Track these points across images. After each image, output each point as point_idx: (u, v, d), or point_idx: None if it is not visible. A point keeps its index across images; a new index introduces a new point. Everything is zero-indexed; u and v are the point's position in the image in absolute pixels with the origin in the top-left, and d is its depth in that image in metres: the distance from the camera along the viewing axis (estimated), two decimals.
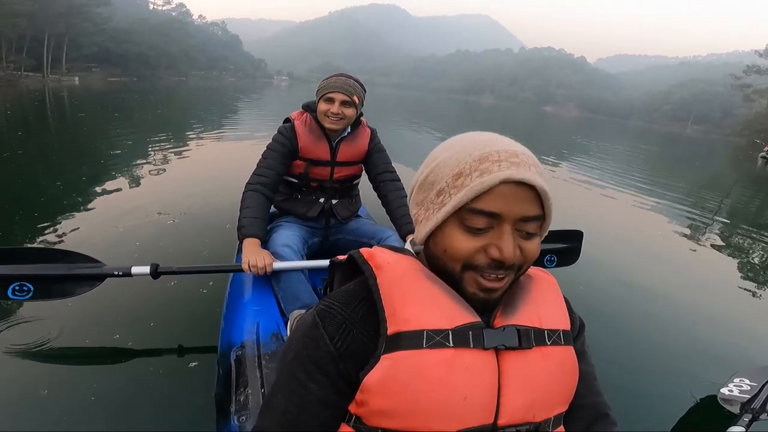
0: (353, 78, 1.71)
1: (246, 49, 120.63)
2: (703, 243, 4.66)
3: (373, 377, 0.50)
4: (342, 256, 0.63)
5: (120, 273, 1.57)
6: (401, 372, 0.50)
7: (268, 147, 1.75)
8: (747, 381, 1.71)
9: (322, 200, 1.82)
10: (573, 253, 2.21)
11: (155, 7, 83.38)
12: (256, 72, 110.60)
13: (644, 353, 2.19)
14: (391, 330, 0.52)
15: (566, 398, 0.59)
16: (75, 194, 3.85)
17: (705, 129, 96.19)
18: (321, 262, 1.56)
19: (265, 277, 1.60)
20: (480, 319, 0.54)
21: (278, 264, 1.50)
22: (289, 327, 1.38)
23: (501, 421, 0.52)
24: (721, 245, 4.65)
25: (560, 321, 0.60)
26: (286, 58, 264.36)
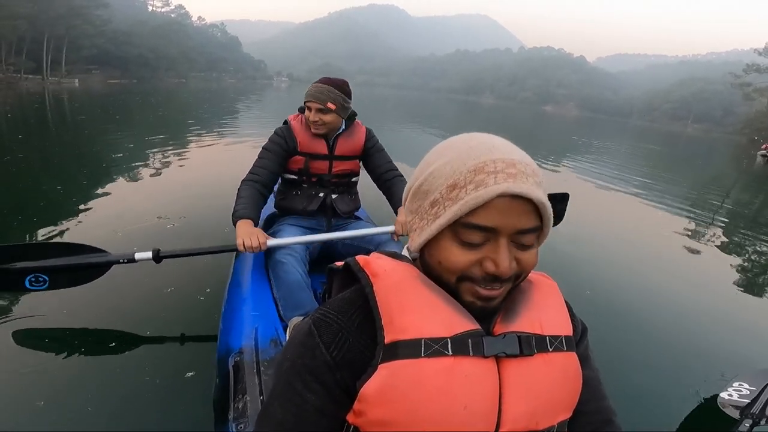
0: (333, 83, 1.76)
1: (245, 51, 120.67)
2: (705, 243, 4.65)
3: (371, 387, 0.50)
4: (339, 263, 0.62)
5: (125, 260, 1.68)
6: (400, 381, 0.49)
7: (264, 147, 1.81)
8: (746, 385, 1.70)
9: (322, 195, 1.86)
10: (557, 215, 2.25)
11: (154, 9, 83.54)
12: (256, 73, 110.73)
13: (645, 355, 2.18)
14: (389, 339, 0.51)
15: (570, 405, 0.58)
16: (75, 198, 3.85)
17: (705, 127, 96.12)
18: (317, 237, 1.68)
19: (265, 281, 1.61)
20: (479, 327, 0.53)
21: (272, 241, 1.58)
22: (288, 333, 1.37)
23: (503, 430, 0.52)
24: (722, 245, 4.65)
25: (562, 326, 0.59)
26: (286, 59, 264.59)
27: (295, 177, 1.86)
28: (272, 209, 2.06)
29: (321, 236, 1.71)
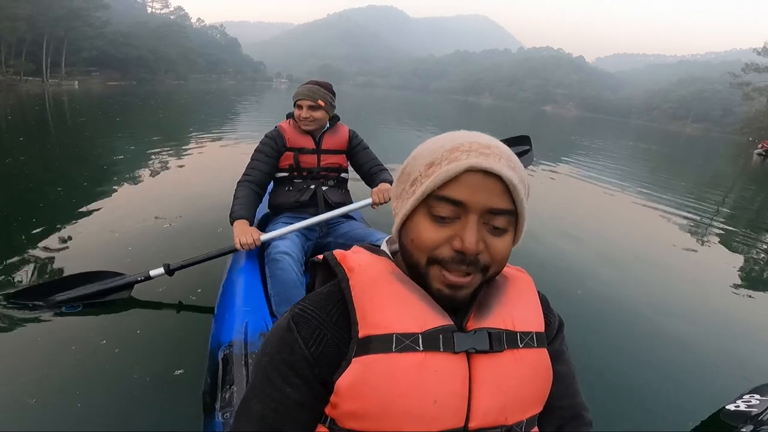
0: (322, 84, 1.97)
1: (245, 52, 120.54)
2: (707, 246, 4.63)
3: (345, 380, 0.51)
4: (320, 256, 0.63)
5: (142, 278, 1.95)
6: (372, 375, 0.50)
7: (256, 149, 1.98)
8: (758, 396, 1.64)
9: (313, 186, 1.99)
10: (526, 158, 2.28)
11: (153, 11, 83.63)
12: (256, 75, 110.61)
13: (648, 359, 2.15)
14: (362, 333, 0.52)
15: (539, 400, 0.59)
16: (75, 200, 3.86)
17: (705, 127, 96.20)
18: (308, 221, 1.83)
19: (258, 279, 1.67)
20: (452, 322, 0.54)
21: (265, 236, 1.75)
22: None
23: (472, 424, 0.52)
24: (726, 248, 4.59)
25: (534, 323, 0.60)
26: (285, 61, 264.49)
27: (287, 174, 1.99)
28: (266, 210, 2.16)
29: (312, 219, 1.85)
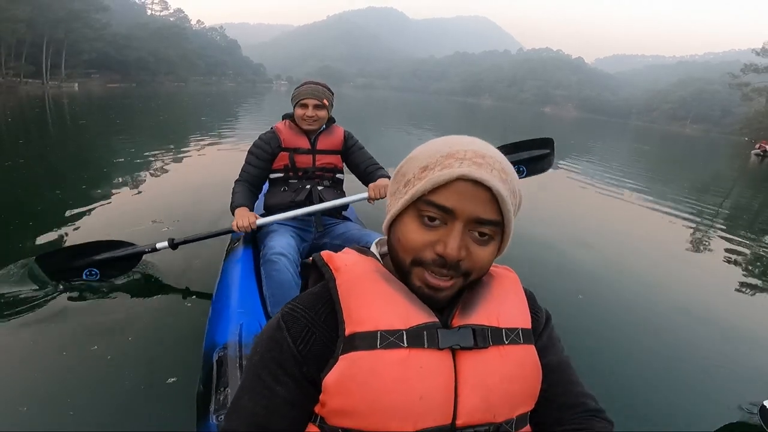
0: (321, 84, 1.97)
1: (245, 54, 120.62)
2: (707, 246, 4.62)
3: (332, 377, 0.51)
4: (311, 258, 0.64)
5: (149, 249, 2.10)
6: (358, 372, 0.51)
7: (249, 150, 2.01)
8: None
9: (309, 186, 1.99)
10: (546, 161, 2.20)
11: (153, 13, 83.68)
12: (256, 77, 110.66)
13: (651, 359, 2.15)
14: (348, 331, 0.52)
15: (528, 398, 0.58)
16: (73, 202, 3.83)
17: (704, 128, 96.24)
18: (305, 210, 1.87)
19: (253, 280, 1.68)
20: (437, 319, 0.54)
21: (261, 220, 1.84)
22: None
23: (459, 422, 0.52)
24: (727, 248, 4.54)
25: (520, 319, 0.59)
26: (285, 62, 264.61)
27: (282, 174, 2.00)
28: (262, 210, 2.13)
29: (307, 209, 1.88)
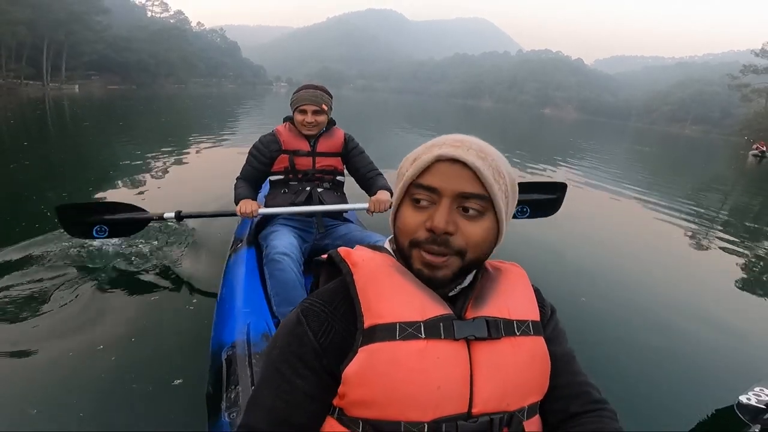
0: (320, 88, 1.98)
1: (245, 56, 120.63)
2: (707, 247, 4.62)
3: (352, 369, 0.53)
4: (325, 255, 0.66)
5: (156, 217, 2.13)
6: (377, 363, 0.52)
7: (249, 152, 2.03)
8: (767, 390, 1.64)
9: (309, 188, 1.99)
10: (551, 205, 2.24)
11: (153, 15, 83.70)
12: (256, 78, 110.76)
13: (657, 358, 2.16)
14: (367, 323, 0.54)
15: (539, 387, 0.60)
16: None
17: (704, 129, 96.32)
18: (306, 209, 1.89)
19: (257, 280, 1.69)
20: (451, 312, 0.57)
21: (264, 210, 1.90)
22: None
23: (475, 410, 0.54)
24: (727, 249, 4.56)
25: (529, 312, 0.62)
26: (285, 64, 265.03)
27: (282, 176, 2.00)
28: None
29: (309, 208, 1.91)
